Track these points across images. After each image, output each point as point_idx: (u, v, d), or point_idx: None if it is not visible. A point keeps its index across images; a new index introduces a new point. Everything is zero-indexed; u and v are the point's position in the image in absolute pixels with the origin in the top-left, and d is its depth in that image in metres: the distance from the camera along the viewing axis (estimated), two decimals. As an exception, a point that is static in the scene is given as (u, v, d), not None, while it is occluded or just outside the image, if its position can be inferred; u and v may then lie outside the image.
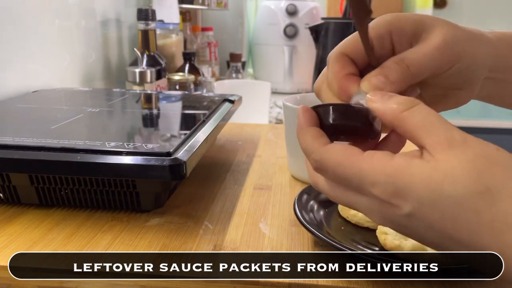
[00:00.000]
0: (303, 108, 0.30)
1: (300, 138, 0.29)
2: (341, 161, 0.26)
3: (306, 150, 0.29)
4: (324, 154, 0.27)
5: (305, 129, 0.29)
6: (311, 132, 0.29)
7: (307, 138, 0.29)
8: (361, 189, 0.26)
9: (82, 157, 0.38)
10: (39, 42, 0.75)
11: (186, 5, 1.32)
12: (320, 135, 0.29)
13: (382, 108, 0.27)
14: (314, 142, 0.28)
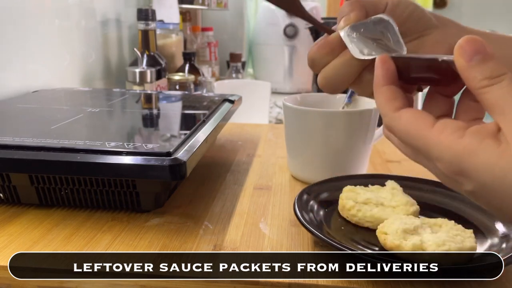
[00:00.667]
0: (382, 59, 0.29)
1: (375, 96, 0.29)
2: (409, 131, 0.27)
3: (380, 110, 0.29)
4: (394, 121, 0.27)
5: (380, 88, 0.29)
6: (385, 93, 0.28)
7: (380, 98, 0.28)
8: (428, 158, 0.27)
9: (82, 157, 0.38)
10: (39, 42, 0.75)
11: (186, 5, 1.32)
12: (394, 97, 0.28)
13: (466, 73, 0.25)
14: (386, 105, 0.28)
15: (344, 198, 0.42)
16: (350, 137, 0.51)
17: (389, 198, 0.42)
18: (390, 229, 0.35)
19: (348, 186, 0.45)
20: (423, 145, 0.26)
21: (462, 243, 0.34)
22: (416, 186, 0.47)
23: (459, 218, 0.41)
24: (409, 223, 0.36)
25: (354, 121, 0.51)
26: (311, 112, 0.51)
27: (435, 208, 0.44)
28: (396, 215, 0.39)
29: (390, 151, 0.68)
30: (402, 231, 0.35)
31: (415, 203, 0.42)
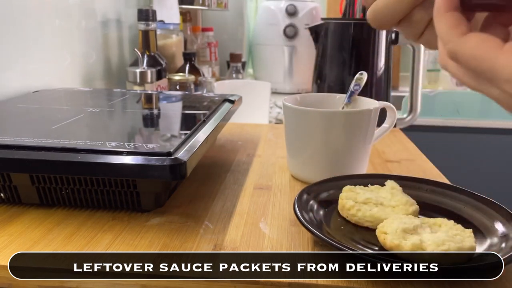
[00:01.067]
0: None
1: (436, 23, 0.28)
2: (476, 54, 0.26)
3: (441, 37, 0.28)
4: (459, 45, 0.26)
5: (442, 15, 0.27)
6: (448, 19, 0.27)
7: (443, 26, 0.27)
8: (494, 82, 0.26)
9: (83, 157, 0.39)
10: (39, 42, 0.75)
11: (186, 5, 1.32)
12: (458, 23, 0.27)
13: None
14: (450, 31, 0.27)
15: (344, 198, 0.42)
16: (350, 137, 0.51)
17: (389, 198, 0.42)
18: (390, 229, 0.35)
19: (348, 186, 0.45)
20: (491, 67, 0.25)
21: (462, 242, 0.34)
22: (415, 186, 0.47)
23: (459, 217, 0.41)
24: (409, 222, 0.36)
25: (354, 121, 0.51)
26: (311, 112, 0.51)
27: (434, 207, 0.44)
28: (396, 214, 0.40)
29: (390, 151, 0.68)
30: (402, 231, 0.35)
31: (414, 202, 0.42)
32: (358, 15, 1.03)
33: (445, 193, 0.45)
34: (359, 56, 0.91)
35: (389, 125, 0.58)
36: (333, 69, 0.93)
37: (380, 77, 0.92)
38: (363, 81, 0.58)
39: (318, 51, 0.96)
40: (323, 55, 0.94)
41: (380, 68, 0.91)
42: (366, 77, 0.58)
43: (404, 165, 0.61)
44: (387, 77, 0.93)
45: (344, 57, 0.91)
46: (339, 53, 0.92)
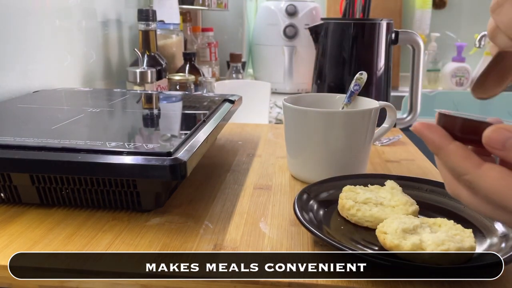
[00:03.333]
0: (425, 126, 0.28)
1: (444, 157, 0.28)
2: (499, 190, 0.26)
3: (455, 169, 0.27)
4: (480, 178, 0.26)
5: (449, 147, 0.27)
6: (458, 152, 0.27)
7: (455, 158, 0.27)
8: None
9: (83, 157, 0.39)
10: (40, 42, 0.75)
11: (187, 5, 1.32)
12: (470, 154, 0.27)
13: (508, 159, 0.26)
14: (466, 163, 0.27)
15: (344, 198, 0.42)
16: (350, 137, 0.51)
17: (389, 198, 0.42)
18: (390, 229, 0.35)
19: (348, 186, 0.45)
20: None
21: (462, 242, 0.34)
22: (415, 186, 0.47)
23: (458, 217, 0.41)
24: (409, 222, 0.36)
25: (354, 121, 0.51)
26: (311, 112, 0.51)
27: (434, 207, 0.44)
28: (396, 214, 0.40)
29: (389, 151, 0.68)
30: (402, 231, 0.35)
31: (414, 202, 0.42)
32: (358, 15, 1.03)
33: (445, 193, 0.45)
34: (359, 56, 0.91)
35: (389, 125, 0.58)
36: (333, 69, 0.93)
37: (380, 77, 0.92)
38: (363, 81, 0.58)
39: (318, 51, 0.96)
40: (323, 55, 0.94)
41: (380, 68, 0.91)
42: (366, 77, 0.58)
43: (404, 165, 0.61)
44: (387, 77, 0.93)
45: (344, 57, 0.91)
46: (339, 53, 0.92)
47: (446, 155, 0.27)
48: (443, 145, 0.27)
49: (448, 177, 0.29)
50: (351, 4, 1.03)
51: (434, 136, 0.28)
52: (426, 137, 0.28)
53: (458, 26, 1.88)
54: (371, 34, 0.90)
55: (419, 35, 0.91)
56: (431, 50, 1.83)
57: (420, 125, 0.28)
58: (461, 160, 0.27)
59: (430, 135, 0.28)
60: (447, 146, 0.27)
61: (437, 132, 0.28)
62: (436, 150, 0.28)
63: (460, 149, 0.27)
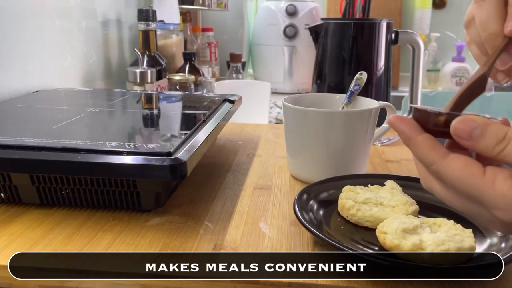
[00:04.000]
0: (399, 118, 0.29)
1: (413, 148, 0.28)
2: (462, 178, 0.26)
3: (423, 160, 0.28)
4: (445, 168, 0.27)
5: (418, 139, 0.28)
6: (426, 142, 0.28)
7: (422, 149, 0.28)
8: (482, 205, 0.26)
9: (83, 157, 0.39)
10: (40, 42, 0.75)
11: (187, 5, 1.32)
12: (437, 144, 0.28)
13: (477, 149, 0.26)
14: (432, 153, 0.27)
15: (344, 198, 0.42)
16: (350, 137, 0.51)
17: (389, 198, 0.42)
18: (390, 229, 0.35)
19: (348, 186, 0.45)
20: (477, 192, 0.26)
21: (462, 242, 0.34)
22: (415, 186, 0.47)
23: (458, 217, 0.41)
24: (409, 222, 0.36)
25: (354, 121, 0.51)
26: (311, 112, 0.51)
27: (434, 207, 0.44)
28: (396, 214, 0.40)
29: (389, 151, 0.68)
30: (402, 231, 0.35)
31: (414, 202, 0.42)
32: (358, 15, 1.03)
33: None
34: (359, 56, 0.91)
35: (389, 125, 0.58)
36: (333, 69, 0.93)
37: (380, 77, 0.92)
38: (363, 81, 0.58)
39: (318, 51, 0.96)
40: (323, 55, 0.94)
41: (380, 68, 0.91)
42: (366, 77, 0.58)
43: (404, 165, 0.61)
44: (387, 77, 0.93)
45: (344, 57, 0.91)
46: (339, 53, 0.92)
47: (415, 145, 0.28)
48: (413, 136, 0.28)
49: (422, 170, 0.30)
50: (351, 4, 1.03)
51: (405, 127, 0.28)
52: (398, 128, 0.29)
53: (458, 26, 1.88)
54: (371, 34, 0.90)
55: (419, 35, 0.91)
56: (431, 50, 1.83)
57: (394, 117, 0.29)
58: (428, 150, 0.27)
59: (401, 127, 0.29)
60: (416, 137, 0.28)
61: (409, 124, 0.29)
62: (407, 141, 0.29)
63: (427, 140, 0.28)
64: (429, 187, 0.29)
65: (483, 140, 0.26)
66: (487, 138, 0.26)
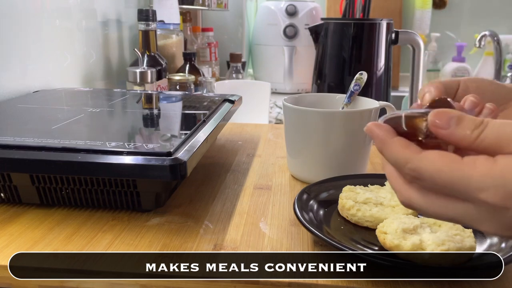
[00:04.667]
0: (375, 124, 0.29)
1: (387, 151, 0.28)
2: (441, 167, 0.25)
3: (397, 161, 0.27)
4: (421, 161, 0.26)
5: (390, 140, 0.28)
6: (399, 142, 0.27)
7: (396, 148, 0.27)
8: (467, 195, 0.25)
9: (83, 157, 0.39)
10: (40, 42, 0.75)
11: (187, 5, 1.32)
12: (409, 143, 0.27)
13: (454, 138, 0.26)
14: (406, 151, 0.27)
15: (344, 198, 0.42)
16: (350, 137, 0.51)
17: (389, 198, 0.42)
18: (390, 229, 0.35)
19: (348, 186, 0.45)
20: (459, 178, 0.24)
21: (462, 242, 0.34)
22: (415, 186, 0.47)
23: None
24: (409, 222, 0.36)
25: (354, 121, 0.51)
26: (311, 112, 0.51)
27: (434, 208, 0.44)
28: (396, 214, 0.40)
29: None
30: (402, 231, 0.35)
31: (414, 203, 0.42)
32: (358, 15, 1.03)
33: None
34: (359, 56, 0.91)
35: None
36: (333, 69, 0.93)
37: (380, 77, 0.92)
38: (363, 81, 0.58)
39: (318, 51, 0.96)
40: (323, 55, 0.94)
41: (380, 68, 0.91)
42: (366, 77, 0.58)
43: (404, 165, 0.61)
44: (387, 77, 0.93)
45: (344, 57, 0.91)
46: (339, 53, 0.92)
47: (388, 148, 0.28)
48: (386, 138, 0.28)
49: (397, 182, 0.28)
50: (351, 4, 1.03)
51: (379, 132, 0.28)
52: (373, 133, 0.28)
53: (458, 26, 1.88)
54: (371, 34, 0.90)
55: (419, 35, 0.91)
56: (431, 50, 1.83)
57: (370, 124, 0.29)
58: (401, 149, 0.27)
59: (376, 131, 0.28)
60: (390, 139, 0.28)
61: (384, 128, 0.28)
62: (381, 145, 0.28)
63: (400, 140, 0.27)
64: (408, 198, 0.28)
65: (461, 126, 0.25)
66: (465, 124, 0.25)
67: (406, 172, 0.27)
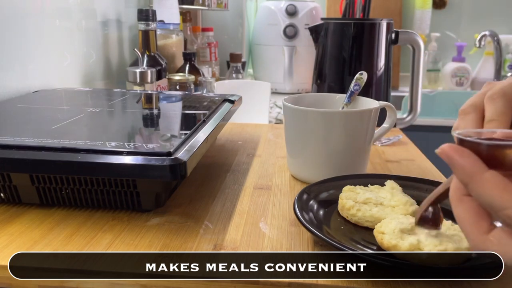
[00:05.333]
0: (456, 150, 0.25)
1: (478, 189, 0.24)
2: None
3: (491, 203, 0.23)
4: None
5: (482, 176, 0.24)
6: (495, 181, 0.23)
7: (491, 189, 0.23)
8: None
9: (83, 157, 0.39)
10: (39, 42, 0.75)
11: (187, 5, 1.32)
12: (508, 184, 0.23)
13: None
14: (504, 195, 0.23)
15: (344, 198, 0.42)
16: (350, 137, 0.51)
17: (389, 198, 0.42)
18: (387, 229, 0.35)
19: (348, 186, 0.45)
20: None
21: (459, 243, 0.34)
22: (415, 186, 0.47)
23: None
24: (406, 222, 0.36)
25: (354, 121, 0.51)
26: (311, 112, 0.51)
27: (434, 208, 0.44)
28: (394, 214, 0.40)
29: (389, 151, 0.68)
30: (399, 231, 0.35)
31: (414, 202, 0.42)
32: (358, 15, 1.03)
33: (445, 193, 0.45)
34: (359, 56, 0.91)
35: (389, 125, 0.58)
36: (333, 69, 0.93)
37: (380, 77, 0.92)
38: (363, 81, 0.58)
39: (318, 51, 0.96)
40: (323, 55, 0.94)
41: (380, 68, 0.91)
42: (366, 77, 0.58)
43: (404, 165, 0.61)
44: (387, 77, 0.93)
45: (344, 57, 0.91)
46: (339, 53, 0.92)
47: (481, 186, 0.23)
48: (477, 173, 0.24)
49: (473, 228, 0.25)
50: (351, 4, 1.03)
51: (466, 162, 0.24)
52: (456, 162, 0.24)
53: (458, 26, 1.88)
54: (371, 34, 0.90)
55: (419, 35, 0.91)
56: (431, 50, 1.83)
57: (449, 148, 0.25)
58: (499, 192, 0.23)
59: (461, 161, 0.24)
60: (482, 174, 0.24)
61: (470, 157, 0.24)
62: (468, 179, 0.24)
63: (498, 178, 0.23)
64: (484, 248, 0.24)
65: None
66: None
67: (501, 216, 0.23)
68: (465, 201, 0.26)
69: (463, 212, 0.26)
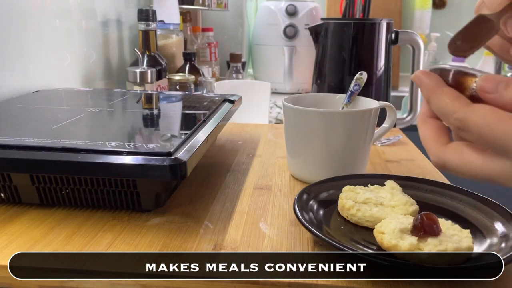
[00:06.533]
0: (423, 72, 0.29)
1: (436, 100, 0.28)
2: (489, 121, 0.25)
3: (445, 110, 0.27)
4: (470, 113, 0.26)
5: (440, 89, 0.28)
6: (450, 92, 0.28)
7: (445, 98, 0.27)
8: (508, 151, 0.25)
9: (83, 157, 0.39)
10: (40, 42, 0.75)
11: (187, 5, 1.32)
12: (460, 95, 0.27)
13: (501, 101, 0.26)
14: (455, 102, 0.27)
15: (344, 198, 0.42)
16: (350, 137, 0.52)
17: (389, 198, 0.42)
18: (387, 229, 0.35)
19: (348, 186, 0.45)
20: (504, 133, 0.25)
21: (459, 243, 0.34)
22: (415, 186, 0.47)
23: (458, 217, 0.41)
24: (406, 222, 0.36)
25: (354, 121, 0.51)
26: (311, 112, 0.51)
27: (434, 207, 0.44)
28: (394, 214, 0.40)
29: (389, 151, 0.68)
30: (399, 231, 0.35)
31: (414, 202, 0.42)
32: (358, 15, 1.03)
33: (444, 193, 0.45)
34: (359, 56, 0.91)
35: (389, 125, 0.58)
36: (333, 69, 0.93)
37: (380, 77, 0.92)
38: (363, 81, 0.58)
39: (318, 51, 0.96)
40: (323, 55, 0.94)
41: (380, 68, 0.91)
42: (366, 77, 0.58)
43: (404, 165, 0.62)
44: (387, 77, 0.93)
45: (344, 57, 0.91)
46: (339, 53, 0.92)
47: (438, 97, 0.28)
48: (436, 88, 0.28)
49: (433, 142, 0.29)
50: (351, 4, 1.03)
51: (429, 80, 0.29)
52: (422, 81, 0.29)
53: (458, 26, 1.86)
54: (371, 34, 0.90)
55: (419, 35, 0.91)
56: (431, 50, 1.83)
57: (419, 72, 0.29)
58: (452, 100, 0.27)
59: (426, 80, 0.29)
60: (440, 88, 0.28)
61: (434, 77, 0.29)
62: (429, 94, 0.28)
63: (451, 91, 0.28)
64: (442, 159, 0.28)
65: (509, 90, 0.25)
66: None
67: (452, 121, 0.27)
68: (428, 121, 0.30)
69: (425, 130, 0.30)
